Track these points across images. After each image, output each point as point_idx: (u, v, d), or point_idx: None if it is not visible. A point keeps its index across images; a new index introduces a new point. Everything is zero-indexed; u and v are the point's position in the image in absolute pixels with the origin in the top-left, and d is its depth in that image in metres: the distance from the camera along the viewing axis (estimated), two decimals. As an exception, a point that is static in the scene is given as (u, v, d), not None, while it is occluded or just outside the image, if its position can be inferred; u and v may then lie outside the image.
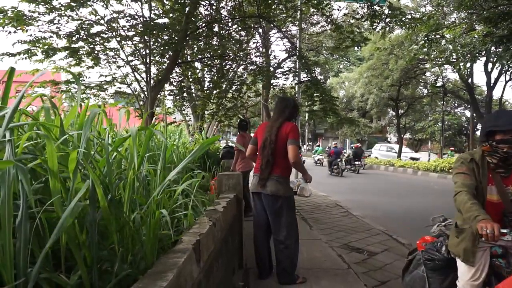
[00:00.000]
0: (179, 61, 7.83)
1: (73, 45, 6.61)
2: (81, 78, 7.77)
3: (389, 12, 8.31)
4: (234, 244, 3.42)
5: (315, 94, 9.79)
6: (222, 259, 2.52)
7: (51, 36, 6.29)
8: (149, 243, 1.51)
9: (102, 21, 6.53)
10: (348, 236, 5.40)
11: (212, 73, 9.64)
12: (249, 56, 10.14)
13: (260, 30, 11.18)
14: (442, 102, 26.32)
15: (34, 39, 6.16)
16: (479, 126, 20.49)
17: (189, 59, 9.39)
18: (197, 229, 1.91)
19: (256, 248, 3.49)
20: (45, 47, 6.36)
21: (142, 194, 1.75)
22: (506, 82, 18.84)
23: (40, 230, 1.22)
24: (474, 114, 20.33)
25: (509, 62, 13.78)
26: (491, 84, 18.04)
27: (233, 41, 8.63)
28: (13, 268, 1.03)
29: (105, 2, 6.33)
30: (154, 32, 6.43)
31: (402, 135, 28.76)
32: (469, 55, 12.77)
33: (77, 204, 1.18)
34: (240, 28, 8.85)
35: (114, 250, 1.47)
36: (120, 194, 1.62)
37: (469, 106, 24.77)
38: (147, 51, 6.79)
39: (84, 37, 6.49)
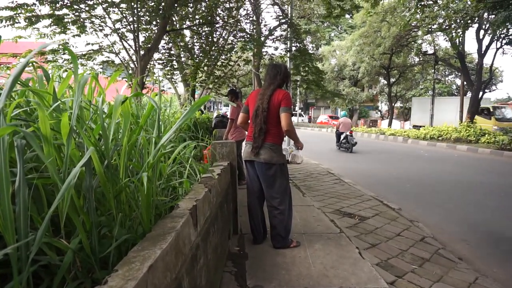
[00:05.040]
0: (168, 28, 7.63)
1: (57, 12, 6.37)
2: (66, 45, 7.56)
3: None
4: (229, 210, 3.49)
5: (302, 65, 9.69)
6: (218, 225, 2.57)
7: (33, 4, 6.04)
8: (145, 209, 1.52)
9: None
10: (340, 202, 5.51)
11: (201, 40, 9.43)
12: (239, 24, 9.92)
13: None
14: (433, 70, 26.30)
15: (16, 6, 5.92)
16: (469, 94, 20.58)
17: (178, 27, 9.15)
18: (193, 195, 1.93)
19: (250, 214, 3.55)
20: (28, 14, 6.12)
21: (138, 162, 1.75)
22: (497, 49, 18.73)
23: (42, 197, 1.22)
24: (465, 82, 20.36)
25: (501, 29, 13.69)
26: (482, 52, 17.97)
27: (222, 7, 8.42)
28: (15, 233, 1.04)
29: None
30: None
31: (393, 104, 28.88)
32: (461, 22, 12.65)
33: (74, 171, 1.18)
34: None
35: (112, 216, 1.49)
36: (116, 161, 1.62)
37: (459, 74, 24.77)
38: (135, 18, 6.59)
39: (68, 4, 6.24)
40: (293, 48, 10.09)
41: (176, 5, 6.89)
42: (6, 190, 1.03)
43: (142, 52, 6.73)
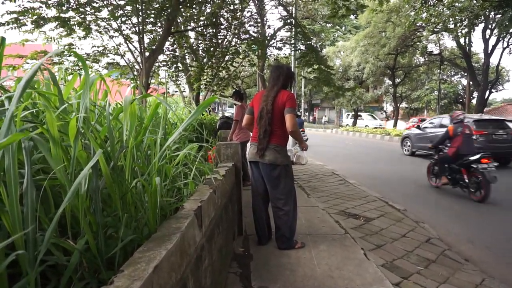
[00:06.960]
0: (173, 30, 7.66)
1: (63, 15, 6.43)
2: (72, 48, 7.63)
3: None
4: (233, 211, 3.49)
5: (313, 63, 9.69)
6: (223, 226, 2.58)
7: (40, 6, 6.10)
8: (151, 210, 1.53)
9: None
10: (345, 203, 5.50)
11: (206, 42, 9.45)
12: (243, 26, 9.92)
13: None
14: (438, 71, 26.17)
15: (23, 9, 5.98)
16: (475, 94, 20.46)
17: (182, 28, 9.18)
18: (198, 196, 1.94)
19: (254, 215, 3.56)
20: (34, 17, 6.18)
21: (144, 163, 1.76)
22: (504, 49, 18.61)
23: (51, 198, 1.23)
24: (471, 82, 20.25)
25: (507, 28, 13.60)
26: (489, 51, 17.84)
27: (226, 9, 8.45)
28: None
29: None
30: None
31: (398, 104, 28.75)
32: (467, 20, 12.57)
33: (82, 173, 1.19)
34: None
35: (118, 216, 1.50)
36: (121, 162, 1.64)
37: (466, 74, 24.62)
38: (139, 19, 6.63)
39: (74, 7, 6.30)
40: (300, 49, 10.07)
41: (181, 6, 6.91)
42: (14, 191, 1.04)
43: (147, 54, 6.76)
